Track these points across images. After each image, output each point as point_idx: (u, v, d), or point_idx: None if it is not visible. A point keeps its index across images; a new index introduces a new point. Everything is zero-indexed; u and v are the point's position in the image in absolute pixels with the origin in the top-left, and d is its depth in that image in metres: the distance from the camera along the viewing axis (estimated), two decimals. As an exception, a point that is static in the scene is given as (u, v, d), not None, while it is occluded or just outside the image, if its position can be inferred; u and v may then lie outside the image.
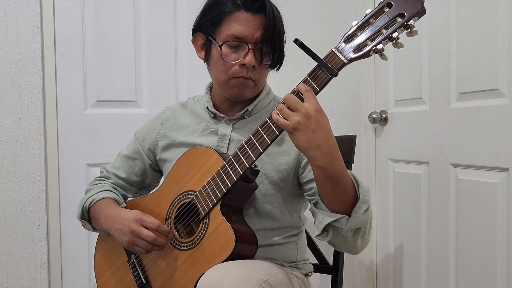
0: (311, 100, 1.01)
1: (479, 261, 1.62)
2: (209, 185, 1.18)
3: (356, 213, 1.08)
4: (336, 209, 1.08)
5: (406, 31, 1.00)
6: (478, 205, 1.62)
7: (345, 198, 1.08)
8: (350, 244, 1.15)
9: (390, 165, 2.11)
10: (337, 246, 1.18)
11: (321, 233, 1.11)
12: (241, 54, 1.22)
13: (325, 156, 1.02)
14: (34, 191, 1.89)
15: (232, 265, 1.08)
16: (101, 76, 2.01)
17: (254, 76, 1.24)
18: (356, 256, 2.22)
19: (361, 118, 2.22)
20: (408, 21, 0.98)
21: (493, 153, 1.56)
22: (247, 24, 1.20)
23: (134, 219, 1.20)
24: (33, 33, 1.87)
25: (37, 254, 1.90)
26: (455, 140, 1.71)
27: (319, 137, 1.01)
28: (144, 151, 1.42)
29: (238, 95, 1.26)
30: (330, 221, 1.08)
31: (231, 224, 1.13)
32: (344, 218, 1.08)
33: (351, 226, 1.09)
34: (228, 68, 1.23)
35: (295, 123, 1.01)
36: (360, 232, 1.13)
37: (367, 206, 1.10)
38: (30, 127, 1.88)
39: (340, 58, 1.02)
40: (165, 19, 2.07)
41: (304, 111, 1.00)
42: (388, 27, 0.99)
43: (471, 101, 1.65)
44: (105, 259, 1.38)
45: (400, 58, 2.01)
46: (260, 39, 1.21)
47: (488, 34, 1.57)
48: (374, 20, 1.01)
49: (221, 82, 1.26)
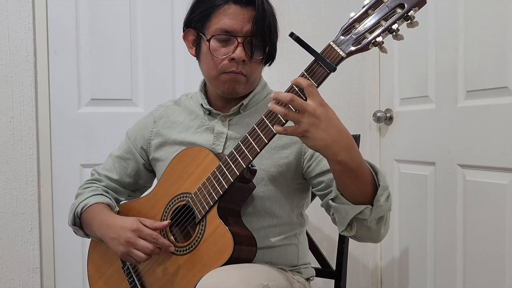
0: (315, 96, 1.00)
1: (487, 265, 1.61)
2: (204, 187, 1.17)
3: (379, 201, 1.07)
4: (357, 201, 1.07)
5: (407, 22, 0.98)
6: (487, 207, 1.61)
7: (366, 188, 1.07)
8: (374, 233, 1.13)
9: (395, 166, 2.10)
10: (361, 238, 1.16)
11: (345, 228, 1.10)
12: (230, 48, 1.22)
13: (344, 150, 1.01)
14: (26, 193, 1.88)
15: (231, 270, 1.08)
16: (96, 74, 2.01)
17: (245, 71, 1.24)
18: (360, 260, 2.22)
19: (365, 117, 2.22)
20: (408, 12, 0.97)
21: (502, 153, 1.55)
22: (236, 17, 1.20)
23: (131, 228, 1.19)
24: (25, 29, 1.87)
25: (29, 258, 1.89)
26: (462, 139, 1.71)
27: (332, 132, 1.00)
28: (137, 150, 1.42)
29: (229, 91, 1.26)
30: (355, 214, 1.07)
31: (228, 227, 1.12)
32: (368, 209, 1.07)
33: (375, 216, 1.09)
34: (217, 63, 1.23)
35: (305, 127, 0.99)
36: (383, 220, 1.12)
37: (388, 192, 1.09)
38: (22, 127, 1.87)
39: (338, 52, 1.01)
40: (162, 15, 2.07)
41: (312, 111, 0.99)
42: (388, 18, 0.98)
43: (479, 99, 1.64)
44: (99, 265, 1.37)
45: (405, 54, 2.00)
46: (249, 33, 1.21)
47: (497, 29, 1.56)
48: (372, 11, 1.00)
49: (212, 78, 1.26)
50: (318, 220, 2.11)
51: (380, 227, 1.13)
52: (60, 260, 1.97)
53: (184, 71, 2.09)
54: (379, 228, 1.13)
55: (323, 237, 2.15)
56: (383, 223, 1.13)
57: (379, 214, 1.09)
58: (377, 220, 1.11)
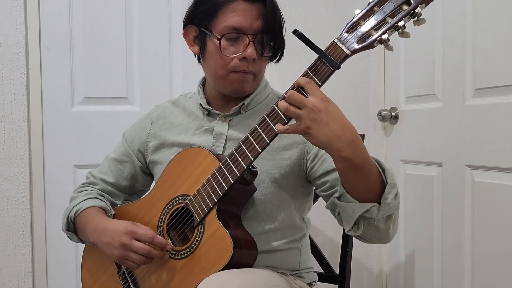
0: (315, 92, 1.01)
1: (497, 271, 1.61)
2: (204, 189, 1.17)
3: (387, 199, 1.07)
4: (364, 199, 1.08)
5: (413, 19, 0.99)
6: (496, 209, 1.62)
7: (373, 186, 1.07)
8: (382, 233, 1.13)
9: (400, 167, 2.11)
10: (368, 238, 1.16)
11: (351, 227, 1.11)
12: (240, 46, 1.21)
13: (348, 145, 1.02)
14: (18, 195, 1.89)
15: (230, 274, 1.08)
16: (90, 71, 2.01)
17: (254, 69, 1.24)
18: (364, 265, 2.22)
19: (370, 116, 2.22)
20: (414, 8, 0.98)
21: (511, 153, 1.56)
22: (246, 14, 1.20)
23: (125, 231, 1.19)
24: (17, 24, 1.87)
25: (21, 262, 1.90)
26: (470, 139, 1.71)
27: (334, 127, 1.00)
28: (133, 152, 1.42)
29: (237, 90, 1.26)
30: (361, 213, 1.07)
31: (228, 230, 1.12)
32: (375, 207, 1.07)
33: (383, 214, 1.09)
34: (227, 62, 1.23)
35: (306, 123, 1.00)
36: (391, 218, 1.12)
37: (396, 190, 1.10)
38: (13, 126, 1.87)
39: (343, 50, 1.02)
40: (159, 10, 2.07)
41: (312, 106, 0.99)
42: (394, 15, 0.99)
43: (488, 98, 1.64)
44: (93, 270, 1.37)
45: (411, 51, 2.00)
46: (260, 30, 1.21)
47: (507, 25, 1.56)
48: (378, 8, 1.00)
49: (219, 77, 1.26)
50: (321, 222, 2.11)
51: (388, 227, 1.13)
52: (52, 264, 1.97)
53: (181, 68, 2.09)
54: (388, 227, 1.13)
55: (326, 240, 2.16)
56: (391, 222, 1.13)
57: (387, 212, 1.09)
58: (385, 219, 1.11)
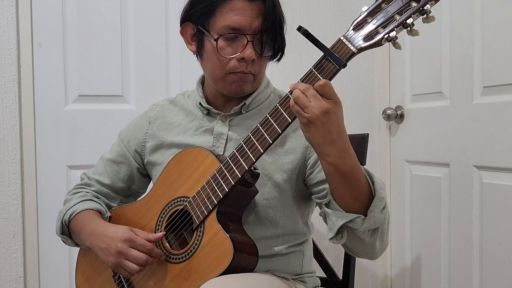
0: (330, 93, 1.01)
1: (506, 275, 1.62)
2: (203, 190, 1.18)
3: (372, 212, 1.09)
4: (350, 209, 1.09)
5: (422, 17, 1.00)
6: (505, 211, 1.62)
7: (360, 196, 1.09)
8: (368, 247, 1.15)
9: (406, 167, 2.11)
10: (354, 251, 1.18)
11: (335, 235, 1.12)
12: (238, 46, 1.21)
13: (338, 152, 1.04)
14: (9, 196, 1.89)
15: (230, 279, 1.08)
16: (84, 68, 2.01)
17: (253, 70, 1.24)
18: (368, 269, 2.22)
19: (374, 114, 2.22)
20: (424, 5, 0.98)
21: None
22: (244, 13, 1.19)
23: (122, 238, 1.19)
24: (8, 20, 1.87)
25: (12, 266, 1.90)
26: (479, 139, 1.71)
27: (334, 132, 1.02)
28: (130, 153, 1.42)
29: (236, 92, 1.26)
30: (344, 222, 1.09)
31: (228, 233, 1.12)
32: (360, 218, 1.08)
33: (368, 227, 1.10)
34: (224, 63, 1.22)
35: (312, 115, 1.00)
36: (378, 232, 1.13)
37: (384, 203, 1.11)
38: (5, 125, 1.88)
39: (349, 47, 1.02)
40: (156, 5, 2.07)
41: (326, 105, 1.00)
42: (402, 12, 0.99)
43: (497, 96, 1.65)
44: (88, 274, 1.37)
45: (417, 47, 2.00)
46: (259, 29, 1.20)
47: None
48: (386, 5, 1.01)
49: (217, 78, 1.26)
50: (324, 226, 2.11)
51: (374, 241, 1.14)
52: (45, 268, 1.97)
53: (179, 64, 2.09)
54: (373, 241, 1.14)
55: (329, 244, 2.14)
56: (377, 236, 1.14)
57: (372, 226, 1.10)
58: (371, 232, 1.13)
